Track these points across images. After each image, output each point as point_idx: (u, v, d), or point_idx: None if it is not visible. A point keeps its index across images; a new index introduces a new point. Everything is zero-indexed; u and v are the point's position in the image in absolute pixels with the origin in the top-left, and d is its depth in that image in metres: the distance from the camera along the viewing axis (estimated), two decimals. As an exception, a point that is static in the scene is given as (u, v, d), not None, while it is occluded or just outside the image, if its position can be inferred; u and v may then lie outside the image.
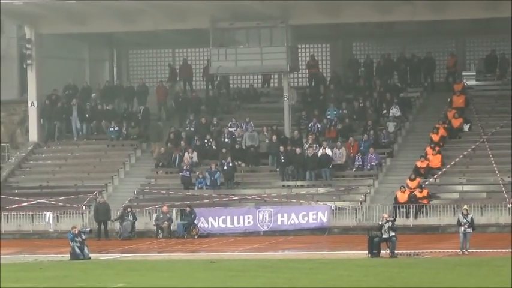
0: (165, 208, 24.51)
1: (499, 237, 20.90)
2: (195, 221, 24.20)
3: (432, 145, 26.12)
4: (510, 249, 16.23)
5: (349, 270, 12.70)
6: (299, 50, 30.94)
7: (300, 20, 28.23)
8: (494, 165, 25.36)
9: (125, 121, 29.78)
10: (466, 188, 25.66)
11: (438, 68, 31.19)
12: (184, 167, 26.62)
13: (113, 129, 29.50)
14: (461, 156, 26.27)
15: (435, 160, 25.65)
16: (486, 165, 25.84)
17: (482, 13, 26.44)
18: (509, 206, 23.38)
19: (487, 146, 26.32)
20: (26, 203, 26.19)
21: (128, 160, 29.05)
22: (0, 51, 31.70)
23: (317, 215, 24.45)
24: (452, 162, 26.11)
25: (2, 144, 31.74)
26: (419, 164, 25.41)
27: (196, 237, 23.92)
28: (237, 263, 15.93)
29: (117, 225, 24.45)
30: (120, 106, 31.31)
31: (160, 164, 28.08)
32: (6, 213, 25.75)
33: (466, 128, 27.76)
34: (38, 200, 26.49)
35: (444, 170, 25.83)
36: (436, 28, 30.18)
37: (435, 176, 25.62)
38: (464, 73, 31.19)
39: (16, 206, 26.07)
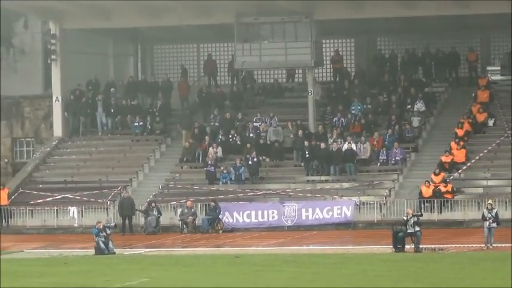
0: (189, 203, 24.53)
1: (524, 231, 20.74)
2: (219, 216, 24.28)
3: (457, 140, 26.04)
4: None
5: (374, 265, 12.76)
6: (323, 45, 30.81)
7: (324, 15, 28.14)
8: (519, 159, 25.20)
9: (150, 116, 29.87)
10: (490, 182, 25.59)
11: (463, 63, 31.01)
12: (209, 162, 26.69)
13: (137, 124, 29.64)
14: (485, 150, 26.16)
15: (460, 155, 25.56)
16: (510, 160, 25.55)
17: (506, 8, 26.14)
18: (534, 200, 23.25)
19: (512, 141, 26.20)
20: (50, 198, 26.31)
21: (153, 155, 29.16)
22: (24, 46, 31.96)
23: (341, 210, 24.43)
24: (477, 157, 26.05)
25: (27, 139, 32.07)
26: (443, 158, 25.33)
27: (220, 232, 24.00)
28: (261, 257, 15.95)
29: (141, 220, 24.59)
30: (145, 101, 31.40)
31: (185, 158, 28.18)
32: (31, 208, 25.89)
33: (491, 122, 27.65)
34: (63, 195, 26.62)
35: (469, 164, 25.74)
36: (460, 23, 29.91)
37: (459, 171, 25.52)
38: (488, 68, 31.14)
39: (41, 201, 26.22)
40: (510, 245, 16.34)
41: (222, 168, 26.87)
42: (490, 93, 28.41)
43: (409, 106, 28.61)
